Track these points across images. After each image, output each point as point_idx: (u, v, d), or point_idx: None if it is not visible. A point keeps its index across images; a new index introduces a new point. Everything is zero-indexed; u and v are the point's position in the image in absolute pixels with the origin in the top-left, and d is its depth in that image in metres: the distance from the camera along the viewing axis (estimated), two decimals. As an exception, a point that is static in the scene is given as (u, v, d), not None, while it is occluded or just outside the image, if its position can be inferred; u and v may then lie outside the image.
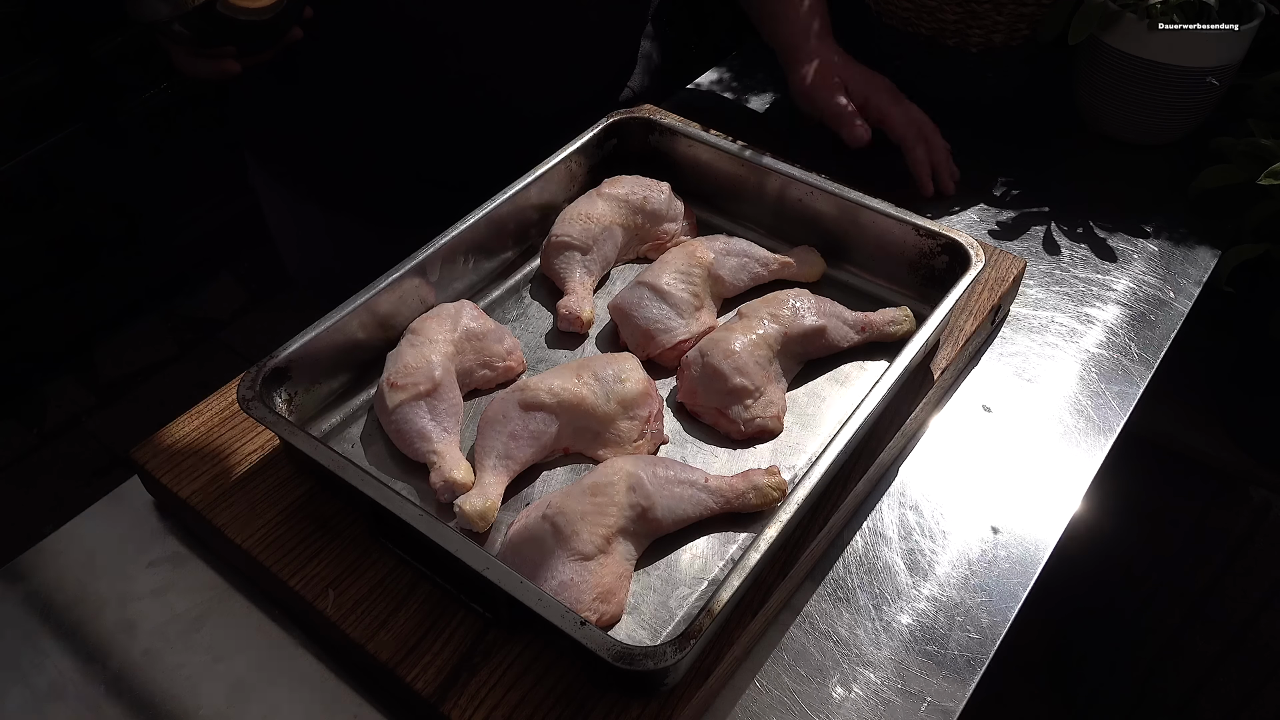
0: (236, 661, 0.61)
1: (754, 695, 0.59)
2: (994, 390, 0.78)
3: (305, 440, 0.61)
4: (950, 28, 1.02)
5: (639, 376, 0.69)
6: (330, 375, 0.71)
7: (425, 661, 0.57)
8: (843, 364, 0.75)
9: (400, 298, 0.73)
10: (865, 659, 0.60)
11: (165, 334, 2.20)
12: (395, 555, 0.62)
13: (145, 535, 0.68)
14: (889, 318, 0.75)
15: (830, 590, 0.64)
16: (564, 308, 0.77)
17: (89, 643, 0.62)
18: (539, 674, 0.57)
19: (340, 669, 0.61)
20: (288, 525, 0.64)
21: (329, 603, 0.60)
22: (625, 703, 0.55)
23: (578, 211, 0.81)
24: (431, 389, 0.67)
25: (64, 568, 0.66)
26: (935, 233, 0.75)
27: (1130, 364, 0.81)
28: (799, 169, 0.80)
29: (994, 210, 0.97)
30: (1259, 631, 1.20)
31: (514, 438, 0.66)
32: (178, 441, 0.69)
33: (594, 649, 0.51)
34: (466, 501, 0.62)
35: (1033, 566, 0.66)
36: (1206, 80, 0.95)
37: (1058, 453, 0.73)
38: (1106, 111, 1.04)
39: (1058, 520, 0.69)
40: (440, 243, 0.75)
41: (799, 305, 0.73)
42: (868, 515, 0.68)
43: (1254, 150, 0.89)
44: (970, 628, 0.62)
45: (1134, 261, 0.91)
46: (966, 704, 0.59)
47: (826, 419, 0.71)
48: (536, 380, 0.68)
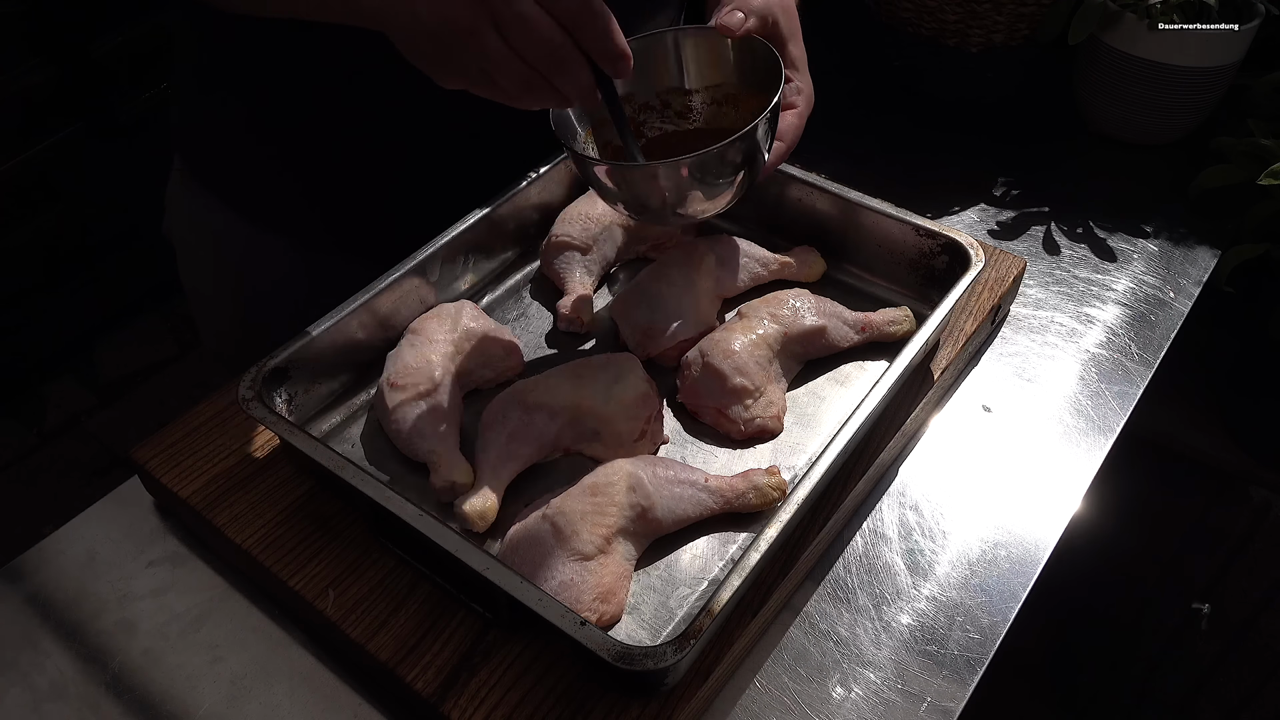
0: (236, 661, 0.61)
1: (754, 695, 0.59)
2: (994, 390, 0.78)
3: (305, 440, 0.61)
4: (950, 28, 1.02)
5: (639, 376, 0.69)
6: (330, 375, 0.71)
7: (425, 661, 0.57)
8: (843, 364, 0.75)
9: (400, 298, 0.73)
10: (865, 659, 0.60)
11: (165, 334, 2.20)
12: (395, 555, 0.62)
13: (145, 535, 0.68)
14: (889, 318, 0.75)
15: (830, 590, 0.64)
16: (564, 308, 0.77)
17: (89, 643, 0.62)
18: (539, 674, 0.57)
19: (340, 669, 0.61)
20: (288, 525, 0.64)
21: (329, 603, 0.60)
22: (625, 703, 0.55)
23: (578, 211, 0.81)
24: (431, 389, 0.67)
25: (64, 568, 0.66)
26: (935, 233, 0.75)
27: (1130, 364, 0.81)
28: (799, 169, 0.80)
29: (994, 210, 0.97)
30: (1259, 631, 1.20)
31: (514, 438, 0.66)
32: (178, 441, 0.69)
33: (594, 649, 0.51)
34: (466, 501, 0.62)
35: (1033, 566, 0.66)
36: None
37: (1058, 453, 0.73)
38: (1106, 111, 1.04)
39: (1058, 520, 0.69)
40: (440, 243, 0.75)
41: (799, 305, 0.73)
42: (868, 515, 0.68)
43: (1254, 150, 0.89)
44: (970, 628, 0.62)
45: (1134, 261, 0.91)
46: (966, 704, 0.59)
47: (826, 419, 0.71)
48: (536, 380, 0.68)
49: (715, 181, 0.65)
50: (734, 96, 0.73)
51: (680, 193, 0.64)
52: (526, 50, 0.55)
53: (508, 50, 0.55)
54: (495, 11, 0.54)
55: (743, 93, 0.73)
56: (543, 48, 0.55)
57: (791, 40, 0.72)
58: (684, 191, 0.64)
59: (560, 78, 0.57)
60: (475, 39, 0.55)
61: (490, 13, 0.54)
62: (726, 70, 0.72)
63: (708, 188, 0.65)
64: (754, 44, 0.69)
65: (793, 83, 0.72)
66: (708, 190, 0.65)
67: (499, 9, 0.54)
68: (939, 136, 1.07)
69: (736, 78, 0.72)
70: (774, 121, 0.65)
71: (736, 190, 0.67)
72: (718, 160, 0.62)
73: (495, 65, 0.56)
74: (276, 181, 0.85)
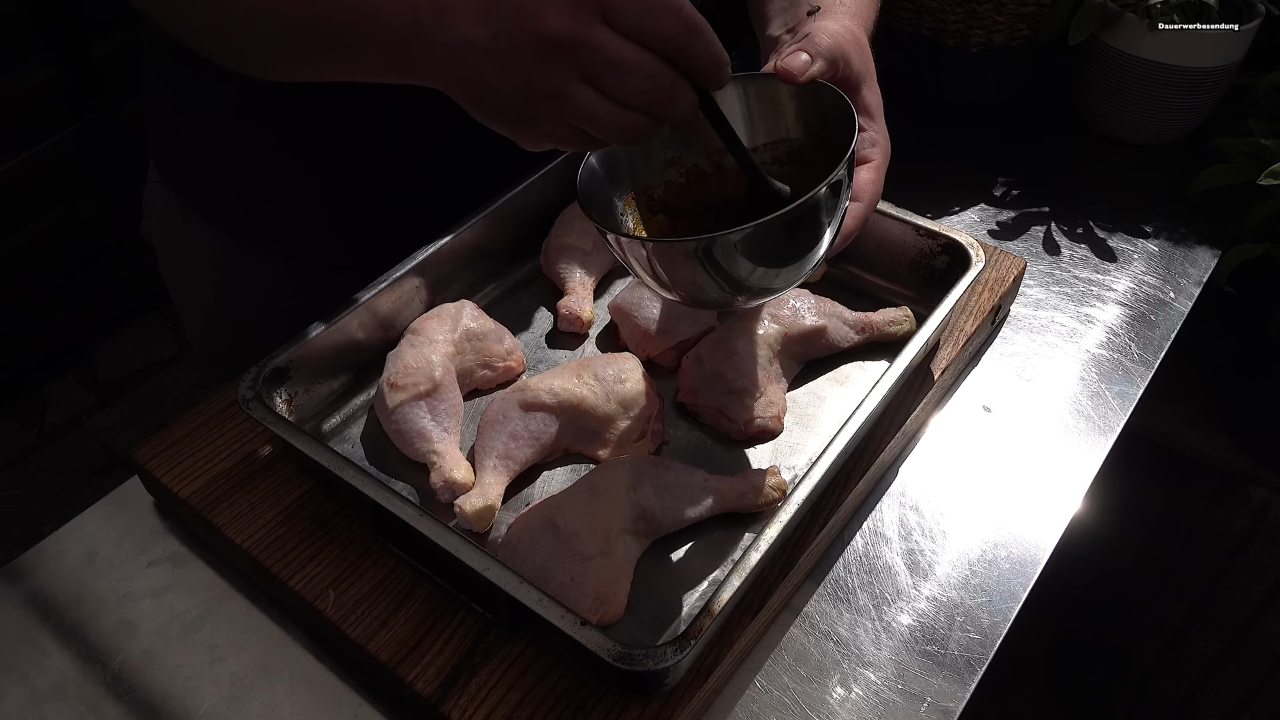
0: (236, 661, 0.61)
1: (754, 695, 0.59)
2: (994, 390, 0.78)
3: (305, 440, 0.61)
4: (951, 28, 1.02)
5: (639, 376, 0.69)
6: (330, 375, 0.71)
7: (425, 661, 0.57)
8: (843, 364, 0.75)
9: (400, 298, 0.73)
10: (865, 659, 0.60)
11: (165, 334, 2.20)
12: (395, 555, 0.62)
13: (145, 535, 0.68)
14: (889, 318, 0.75)
15: (830, 590, 0.64)
16: (564, 308, 0.77)
17: (89, 643, 0.62)
18: (539, 674, 0.57)
19: (340, 669, 0.61)
20: (288, 525, 0.64)
21: (329, 603, 0.60)
22: (625, 703, 0.55)
23: (578, 212, 0.81)
24: (431, 389, 0.67)
25: (64, 568, 0.66)
26: (935, 233, 0.75)
27: (1130, 364, 0.81)
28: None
29: (994, 210, 0.97)
30: (1259, 631, 1.20)
31: (514, 438, 0.66)
32: (178, 441, 0.69)
33: (594, 649, 0.51)
34: (466, 501, 0.62)
35: (1033, 566, 0.66)
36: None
37: (1058, 453, 0.73)
38: (1106, 111, 1.04)
39: (1058, 520, 0.69)
40: (440, 243, 0.75)
41: (799, 305, 0.73)
42: (868, 515, 0.68)
43: (1254, 150, 0.89)
44: (970, 628, 0.62)
45: (1134, 261, 0.91)
46: (967, 704, 0.59)
47: (826, 419, 0.71)
48: (536, 380, 0.68)
49: (782, 255, 0.54)
50: (797, 154, 0.63)
51: (742, 268, 0.54)
52: (628, 95, 0.49)
53: (603, 101, 0.49)
54: (584, 66, 0.47)
55: (809, 148, 0.63)
56: (647, 86, 0.48)
57: (865, 84, 0.63)
58: (745, 267, 0.54)
59: (667, 109, 0.50)
60: (562, 99, 0.48)
61: (578, 69, 0.47)
62: (788, 122, 0.62)
63: (772, 263, 0.54)
64: (820, 90, 0.59)
65: (867, 133, 0.63)
66: (770, 267, 0.55)
67: (587, 61, 0.47)
68: (939, 136, 1.07)
69: (801, 131, 0.62)
70: (848, 179, 0.55)
71: (805, 266, 0.56)
72: (793, 226, 0.52)
73: (588, 120, 0.49)
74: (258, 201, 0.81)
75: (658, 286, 0.57)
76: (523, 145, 0.53)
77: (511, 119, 0.51)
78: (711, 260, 0.53)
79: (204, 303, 0.92)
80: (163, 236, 0.91)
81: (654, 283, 0.56)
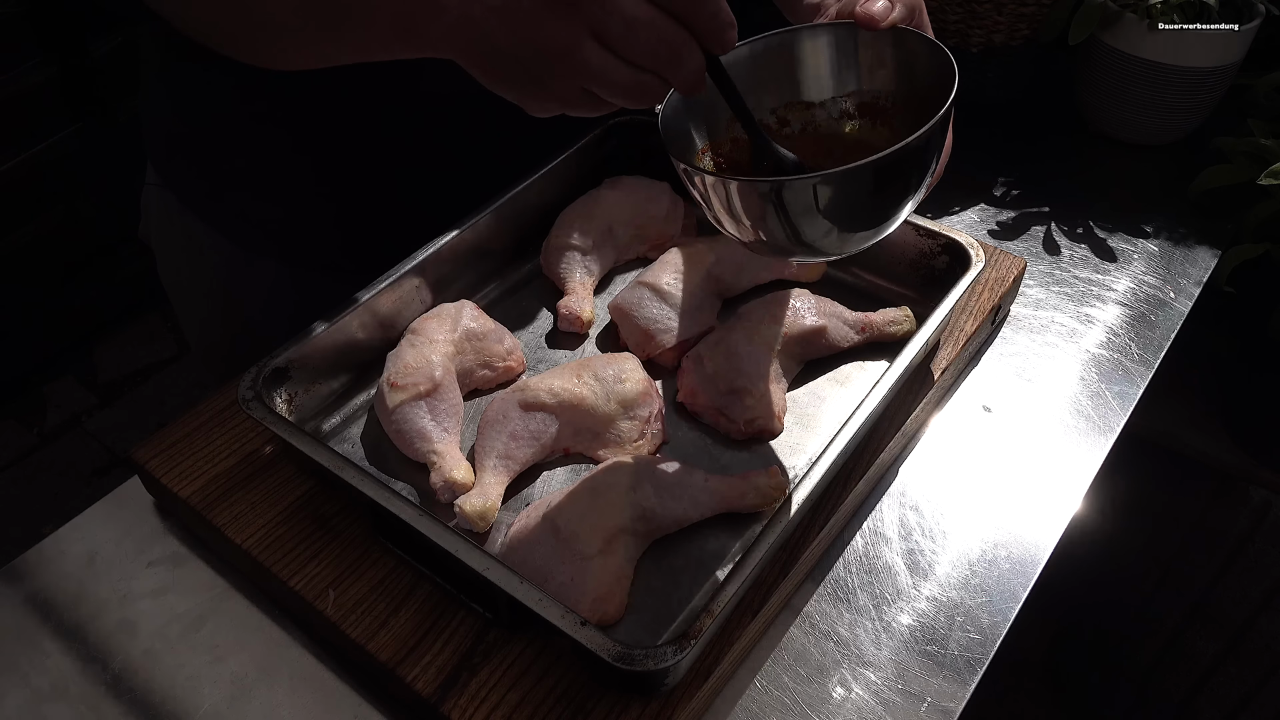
0: (236, 661, 0.61)
1: (754, 695, 0.59)
2: (994, 390, 0.78)
3: (305, 440, 0.61)
4: (951, 28, 1.02)
5: (639, 376, 0.69)
6: (330, 375, 0.71)
7: (425, 661, 0.57)
8: (843, 364, 0.75)
9: (400, 298, 0.73)
10: (865, 659, 0.60)
11: (165, 334, 2.20)
12: (395, 555, 0.62)
13: (145, 535, 0.68)
14: (889, 318, 0.75)
15: (830, 590, 0.64)
16: (564, 308, 0.77)
17: (89, 643, 0.62)
18: (539, 674, 0.57)
19: (340, 669, 0.61)
20: (288, 525, 0.64)
21: (329, 603, 0.60)
22: (625, 703, 0.55)
23: (578, 212, 0.81)
24: (431, 389, 0.67)
25: (64, 568, 0.66)
26: (935, 233, 0.75)
27: (1130, 364, 0.81)
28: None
29: (994, 210, 0.97)
30: (1259, 631, 1.20)
31: (514, 438, 0.66)
32: (178, 441, 0.69)
33: (594, 649, 0.51)
34: (466, 501, 0.62)
35: (1033, 566, 0.66)
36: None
37: (1058, 453, 0.73)
38: (1106, 111, 1.04)
39: (1058, 520, 0.69)
40: (440, 243, 0.75)
41: (799, 305, 0.73)
42: (868, 515, 0.68)
43: (1254, 150, 0.89)
44: (970, 628, 0.62)
45: (1134, 261, 0.91)
46: (967, 704, 0.59)
47: (826, 419, 0.71)
48: (536, 380, 0.68)
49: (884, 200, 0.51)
50: (872, 105, 0.59)
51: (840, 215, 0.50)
52: (637, 54, 0.48)
53: (614, 60, 0.48)
54: (594, 22, 0.47)
55: (886, 100, 0.59)
56: (657, 45, 0.48)
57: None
58: (844, 213, 0.50)
59: (675, 70, 0.49)
60: (573, 58, 0.48)
61: (586, 25, 0.47)
62: (863, 74, 0.59)
63: (875, 207, 0.51)
64: (905, 37, 0.55)
65: None
66: (873, 211, 0.52)
67: (598, 19, 0.47)
68: (939, 136, 1.07)
69: (881, 81, 0.58)
70: (942, 130, 0.51)
71: (899, 215, 0.53)
72: (899, 165, 0.49)
73: (598, 80, 0.49)
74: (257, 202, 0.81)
75: (736, 229, 0.54)
76: (530, 111, 0.53)
77: (521, 81, 0.51)
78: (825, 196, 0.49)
79: (203, 304, 0.92)
80: (161, 238, 0.91)
81: (732, 224, 0.53)
